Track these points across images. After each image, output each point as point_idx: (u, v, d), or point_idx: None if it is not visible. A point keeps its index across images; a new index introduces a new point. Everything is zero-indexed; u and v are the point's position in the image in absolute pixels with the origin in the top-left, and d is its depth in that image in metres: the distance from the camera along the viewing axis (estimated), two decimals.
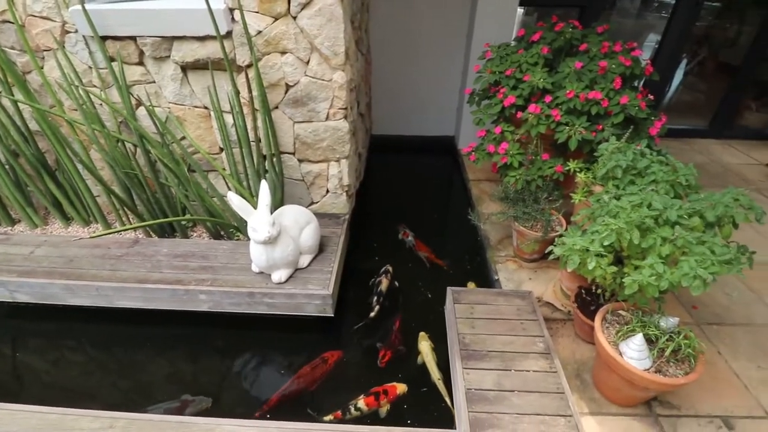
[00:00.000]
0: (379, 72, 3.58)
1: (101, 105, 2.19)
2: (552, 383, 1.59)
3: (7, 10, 1.94)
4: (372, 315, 2.13)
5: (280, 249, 1.93)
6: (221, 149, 2.34)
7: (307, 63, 2.04)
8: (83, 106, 2.09)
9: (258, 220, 1.83)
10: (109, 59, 2.04)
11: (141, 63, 2.10)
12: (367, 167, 3.47)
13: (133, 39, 2.01)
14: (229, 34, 1.95)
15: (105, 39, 2.01)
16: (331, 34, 1.95)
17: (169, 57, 2.04)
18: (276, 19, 1.93)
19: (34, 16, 2.00)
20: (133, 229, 2.41)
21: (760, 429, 1.56)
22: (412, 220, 2.84)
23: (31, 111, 2.13)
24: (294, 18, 1.93)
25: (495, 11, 2.97)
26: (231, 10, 1.90)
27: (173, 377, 1.92)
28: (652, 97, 2.25)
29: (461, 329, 1.81)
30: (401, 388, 1.77)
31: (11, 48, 2.10)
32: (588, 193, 1.99)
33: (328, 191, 2.49)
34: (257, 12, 1.91)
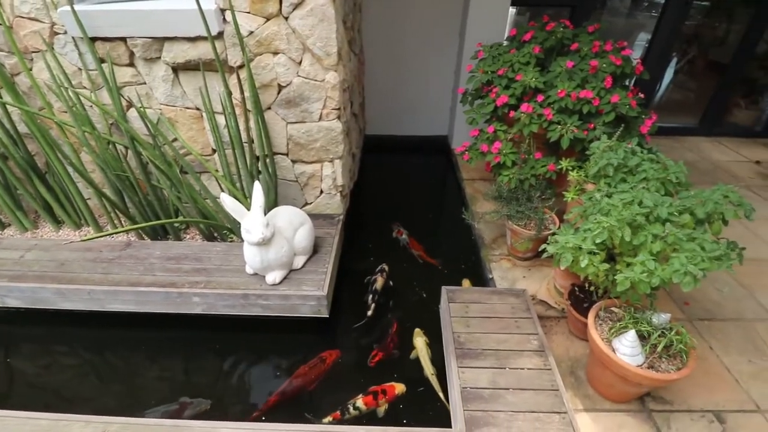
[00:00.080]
0: (373, 72, 3.58)
1: (91, 107, 2.17)
2: (546, 380, 1.60)
3: None
4: (369, 313, 2.13)
5: (274, 250, 1.92)
6: (214, 150, 2.33)
7: (300, 63, 2.04)
8: (73, 108, 2.07)
9: (251, 221, 1.82)
10: (99, 60, 2.02)
11: (131, 64, 2.08)
12: (361, 167, 3.47)
13: (123, 40, 1.99)
14: (221, 34, 1.94)
15: (94, 40, 1.99)
16: (324, 34, 1.95)
17: (160, 58, 2.03)
18: (268, 20, 1.92)
19: (22, 17, 1.98)
20: (125, 232, 2.40)
21: (751, 422, 1.58)
22: (406, 219, 2.84)
23: (20, 113, 2.10)
24: (286, 18, 1.92)
25: (487, 11, 2.98)
26: (222, 10, 1.89)
27: (169, 381, 1.91)
28: (642, 96, 2.27)
29: (456, 328, 1.81)
30: (400, 388, 1.77)
31: None
32: (580, 192, 2.00)
33: (322, 192, 2.49)
34: (248, 12, 1.90)
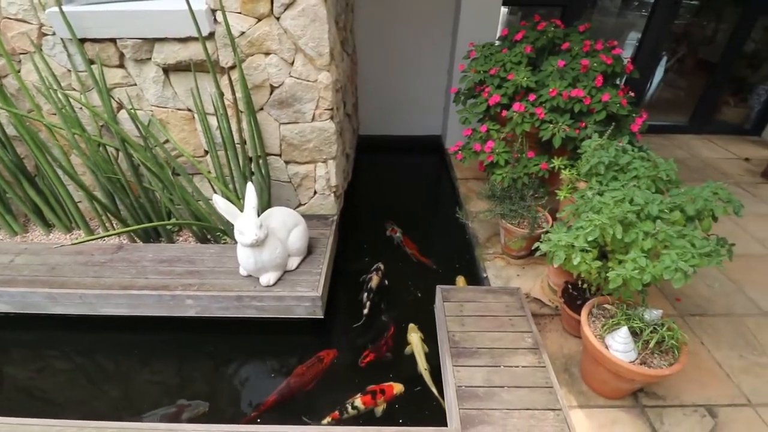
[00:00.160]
0: (366, 72, 3.58)
1: (81, 109, 2.14)
2: (541, 378, 1.61)
3: None
4: (365, 312, 2.14)
5: (268, 251, 1.91)
6: (206, 152, 2.31)
7: (292, 64, 2.03)
8: (62, 110, 2.05)
9: (245, 222, 1.81)
10: (89, 62, 2.00)
11: (121, 65, 2.06)
12: (355, 168, 3.47)
13: (113, 41, 1.97)
14: (212, 35, 1.93)
15: (84, 41, 1.97)
16: (315, 34, 1.94)
17: (151, 59, 2.01)
18: (259, 20, 1.91)
19: (9, 18, 1.95)
20: (117, 235, 2.37)
21: (742, 416, 1.61)
22: (400, 219, 2.84)
23: (8, 116, 2.07)
24: (277, 19, 1.91)
25: (479, 11, 2.99)
26: (213, 11, 1.88)
27: (164, 384, 1.89)
28: (633, 95, 2.29)
29: (451, 327, 1.82)
30: (398, 387, 1.77)
31: None
32: (572, 190, 2.02)
33: (315, 192, 2.48)
34: (240, 13, 1.89)
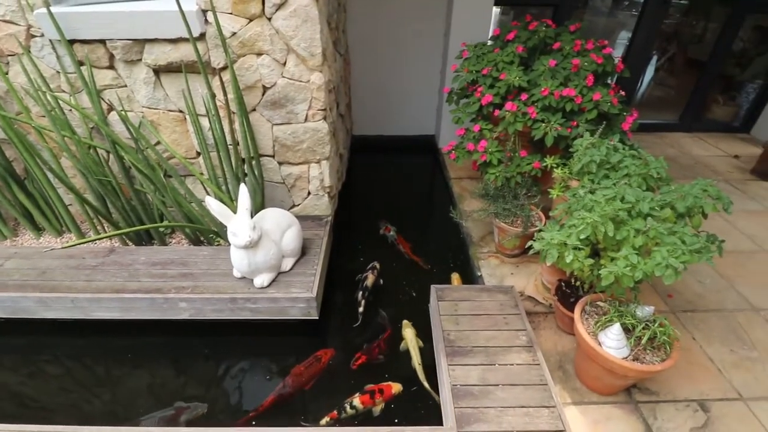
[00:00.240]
0: (359, 72, 3.57)
1: (71, 111, 2.12)
2: (535, 375, 1.61)
3: None
4: (360, 310, 2.14)
5: (262, 253, 1.91)
6: (198, 153, 2.30)
7: (284, 64, 2.03)
8: (52, 112, 2.03)
9: (238, 224, 1.81)
10: (78, 63, 1.98)
11: (111, 67, 2.04)
12: (349, 168, 3.47)
13: (103, 42, 1.95)
14: (203, 36, 1.92)
15: (73, 42, 1.95)
16: (307, 35, 1.94)
17: (141, 60, 1.99)
18: (250, 21, 1.91)
19: None
20: (109, 238, 2.35)
21: (733, 410, 1.63)
22: (395, 219, 2.84)
23: None
24: (269, 19, 1.91)
25: (471, 11, 3.00)
26: (204, 11, 1.87)
27: (160, 387, 1.88)
28: (623, 93, 2.31)
29: (446, 326, 1.82)
30: (396, 387, 1.77)
31: None
32: (565, 188, 2.03)
33: (309, 193, 2.47)
34: (231, 13, 1.88)
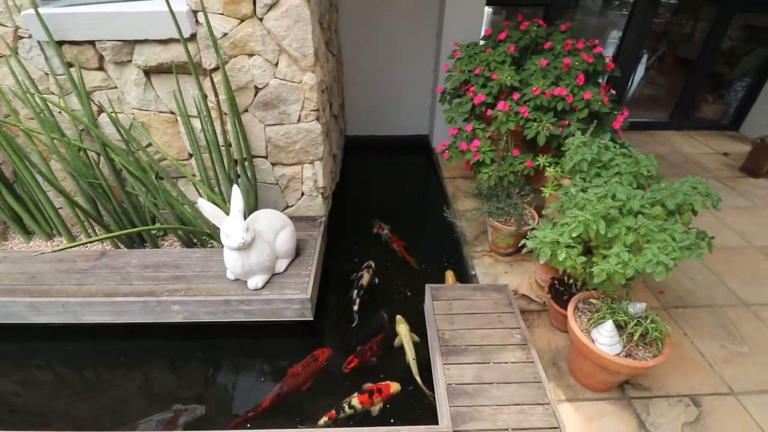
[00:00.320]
0: (351, 73, 3.57)
1: (60, 113, 2.10)
2: (529, 373, 1.62)
3: None
4: (355, 308, 2.15)
5: (255, 255, 1.90)
6: (190, 155, 2.28)
7: (276, 65, 2.02)
8: (41, 114, 2.00)
9: (231, 226, 1.80)
10: (67, 65, 1.96)
11: (101, 68, 2.02)
12: (343, 168, 3.46)
13: (92, 43, 1.93)
14: (194, 36, 1.90)
15: (61, 44, 1.93)
16: (299, 35, 1.93)
17: (131, 61, 1.97)
18: (242, 21, 1.90)
19: None
20: (100, 241, 2.33)
21: (724, 405, 1.65)
22: (389, 219, 2.84)
23: None
24: (260, 20, 1.90)
25: (463, 11, 3.01)
26: (194, 12, 1.86)
27: (156, 391, 1.86)
28: (614, 92, 2.33)
29: (440, 325, 1.83)
30: (395, 386, 1.77)
31: None
32: (557, 187, 2.04)
33: (303, 194, 2.47)
34: (222, 14, 1.87)
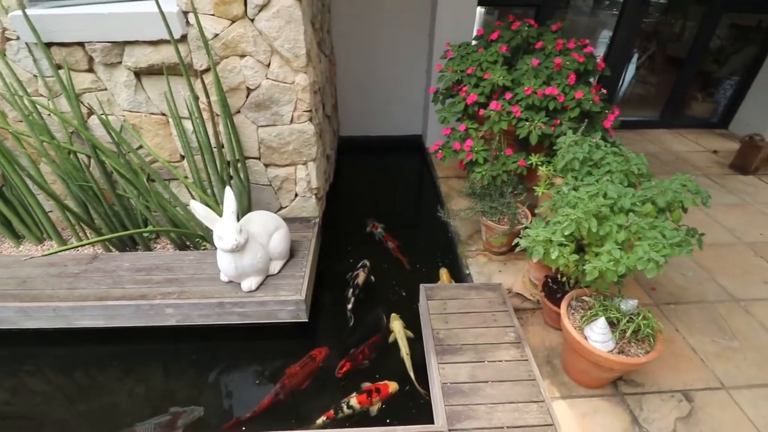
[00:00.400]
0: (345, 73, 3.57)
1: (49, 115, 2.07)
2: (524, 371, 1.63)
3: None
4: (349, 307, 2.16)
5: (249, 256, 1.89)
6: (182, 157, 2.27)
7: (268, 66, 2.01)
8: (29, 117, 1.98)
9: (224, 228, 1.79)
10: (56, 67, 1.94)
11: (91, 70, 2.00)
12: (337, 169, 3.46)
13: (81, 45, 1.91)
14: (184, 37, 1.89)
15: (50, 45, 1.91)
16: (291, 36, 1.93)
17: (121, 63, 1.96)
18: (233, 22, 1.89)
19: None
20: (91, 244, 2.31)
21: (716, 399, 1.67)
22: (383, 219, 2.84)
23: None
24: (252, 20, 1.89)
25: (455, 11, 3.02)
26: (185, 13, 1.84)
27: (152, 395, 1.85)
28: (605, 92, 2.36)
29: (435, 325, 1.83)
30: (393, 386, 1.78)
31: None
32: (550, 186, 2.06)
33: (296, 195, 2.46)
34: (213, 15, 1.86)
